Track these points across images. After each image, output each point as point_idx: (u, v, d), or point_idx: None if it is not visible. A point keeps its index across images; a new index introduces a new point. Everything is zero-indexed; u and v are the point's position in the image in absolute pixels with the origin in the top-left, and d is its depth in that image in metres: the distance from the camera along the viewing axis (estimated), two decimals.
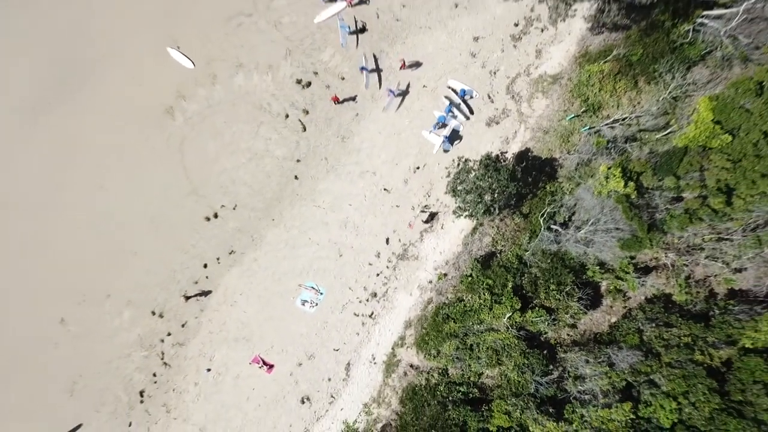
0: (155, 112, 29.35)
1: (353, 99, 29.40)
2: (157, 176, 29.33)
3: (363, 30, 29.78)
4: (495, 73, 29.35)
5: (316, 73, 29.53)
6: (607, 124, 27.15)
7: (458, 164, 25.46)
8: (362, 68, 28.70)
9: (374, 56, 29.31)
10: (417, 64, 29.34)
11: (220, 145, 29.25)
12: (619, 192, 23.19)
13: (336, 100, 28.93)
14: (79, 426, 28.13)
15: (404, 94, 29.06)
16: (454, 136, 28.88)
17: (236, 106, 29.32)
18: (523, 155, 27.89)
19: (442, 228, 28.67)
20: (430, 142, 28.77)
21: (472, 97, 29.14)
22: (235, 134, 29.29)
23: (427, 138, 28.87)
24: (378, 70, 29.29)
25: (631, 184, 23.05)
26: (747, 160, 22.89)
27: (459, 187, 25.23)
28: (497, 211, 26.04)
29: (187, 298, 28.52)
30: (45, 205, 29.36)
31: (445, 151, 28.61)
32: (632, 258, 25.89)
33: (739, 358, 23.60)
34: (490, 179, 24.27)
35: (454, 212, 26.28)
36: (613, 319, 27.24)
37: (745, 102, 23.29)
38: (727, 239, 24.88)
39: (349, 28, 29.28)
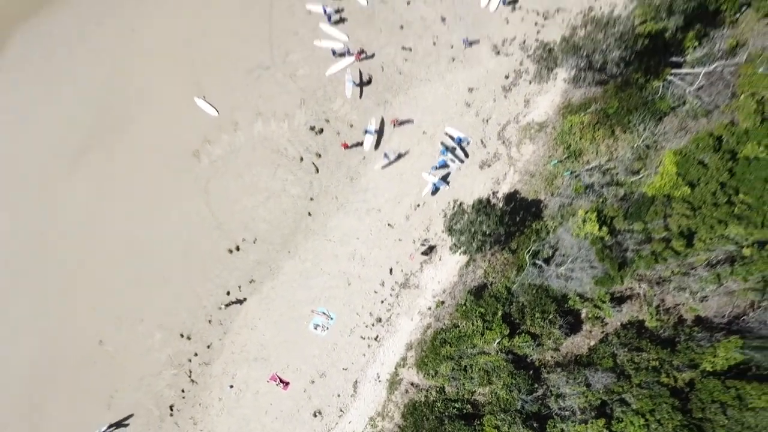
0: (184, 155, 32.88)
1: (360, 144, 32.80)
2: (186, 212, 32.79)
3: (369, 82, 33.18)
4: (487, 120, 32.69)
5: (327, 121, 32.95)
6: (587, 170, 30.50)
7: (453, 207, 28.77)
8: (366, 131, 32.14)
9: (382, 120, 32.70)
10: (408, 121, 32.71)
11: (241, 185, 32.67)
12: (594, 234, 26.46)
13: (345, 146, 32.29)
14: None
15: (399, 157, 32.35)
16: (446, 178, 32.28)
17: (256, 150, 32.77)
18: (511, 196, 31.18)
19: (440, 260, 31.95)
20: (428, 182, 32.16)
21: (468, 143, 32.52)
22: (255, 175, 32.72)
23: (426, 179, 32.21)
24: (380, 133, 32.62)
25: (605, 228, 26.30)
26: (706, 207, 26.13)
27: (455, 227, 28.51)
28: (488, 249, 29.36)
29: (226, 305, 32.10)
30: (86, 237, 32.91)
31: (433, 192, 32.04)
32: (608, 289, 29.17)
33: (700, 380, 26.81)
34: (481, 223, 27.59)
35: (450, 248, 29.58)
36: (592, 343, 30.42)
37: (704, 157, 26.54)
38: (691, 274, 28.15)
39: (354, 82, 32.68)
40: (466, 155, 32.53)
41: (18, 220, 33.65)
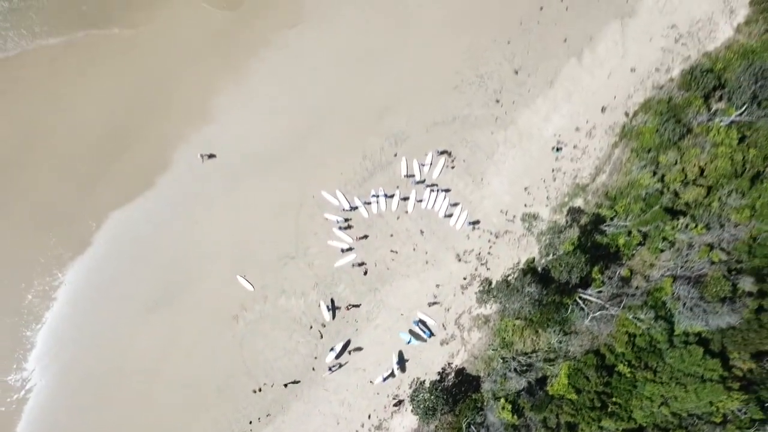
0: (226, 317, 44.54)
1: (356, 321, 44.57)
2: (224, 360, 44.16)
3: (366, 273, 44.99)
4: (448, 309, 44.25)
5: (333, 301, 44.69)
6: (514, 358, 41.92)
7: (415, 385, 40.25)
8: (331, 349, 43.40)
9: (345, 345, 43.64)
10: (356, 306, 44.20)
11: (266, 343, 44.22)
12: (508, 420, 37.77)
13: (350, 307, 44.19)
14: None
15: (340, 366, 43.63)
16: (403, 358, 43.76)
17: (279, 318, 44.40)
18: (460, 371, 42.66)
19: (407, 410, 43.36)
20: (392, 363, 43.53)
21: (433, 325, 44.06)
22: (276, 337, 44.27)
23: (403, 337, 43.69)
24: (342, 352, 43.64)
25: (515, 417, 37.62)
26: (585, 409, 37.46)
27: (415, 401, 39.95)
28: (440, 411, 40.69)
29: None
30: (150, 372, 44.49)
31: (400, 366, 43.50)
32: None
33: None
34: (434, 400, 38.98)
35: (412, 411, 40.97)
36: None
37: (588, 372, 37.95)
38: None
39: (328, 306, 43.77)
40: (432, 334, 44.14)
41: (94, 354, 45.34)
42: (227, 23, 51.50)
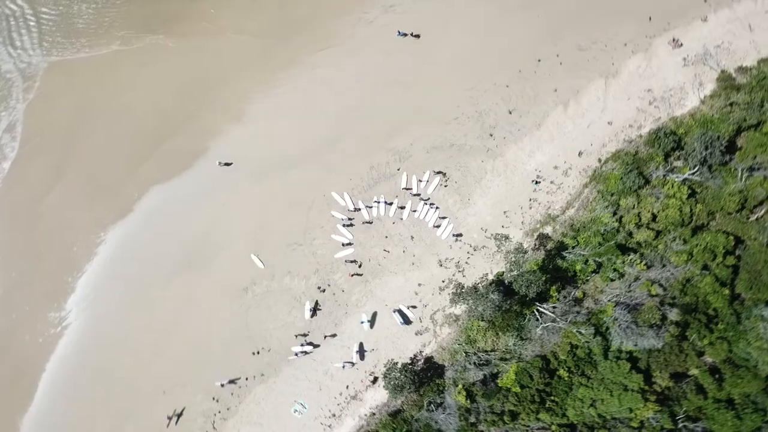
0: (237, 288, 51.69)
1: (346, 306, 51.63)
2: (231, 324, 51.13)
3: (360, 266, 52.00)
4: (426, 306, 51.18)
5: (329, 285, 51.63)
6: (475, 353, 48.67)
7: (390, 365, 47.04)
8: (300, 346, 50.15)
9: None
10: (359, 275, 51.18)
11: (268, 315, 51.25)
12: (462, 403, 44.49)
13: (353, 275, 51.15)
14: None
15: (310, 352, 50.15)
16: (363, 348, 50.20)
17: (282, 294, 51.51)
18: (428, 359, 49.47)
19: (379, 386, 50.17)
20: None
21: (411, 316, 51.02)
22: (279, 310, 51.31)
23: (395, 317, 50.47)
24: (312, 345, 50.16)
25: (468, 401, 44.33)
26: (526, 402, 44.15)
27: (388, 378, 46.75)
28: (407, 390, 47.41)
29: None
30: (167, 327, 51.67)
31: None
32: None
33: None
34: (404, 379, 45.76)
35: (383, 386, 47.78)
36: None
37: (533, 372, 44.69)
38: None
39: (310, 309, 50.37)
40: (409, 323, 51.04)
41: (123, 306, 52.66)
42: (267, 39, 59.36)
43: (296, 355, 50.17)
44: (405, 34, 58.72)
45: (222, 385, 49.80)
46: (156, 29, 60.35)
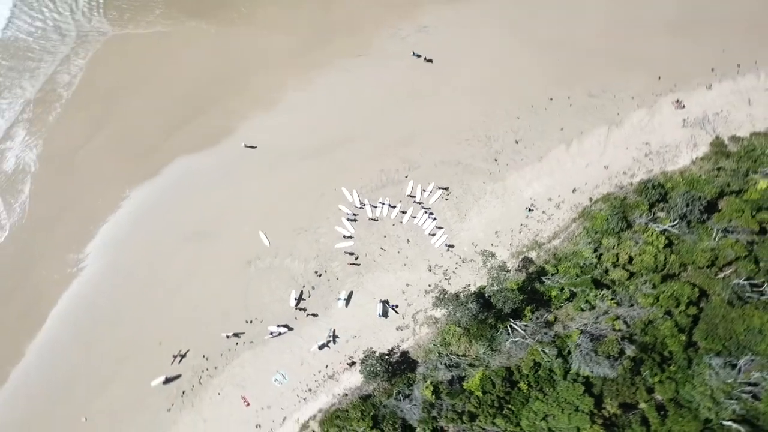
0: (242, 261, 55.73)
1: (339, 292, 55.64)
2: (232, 293, 55.04)
3: (357, 262, 56.04)
4: (410, 305, 55.10)
5: (325, 271, 55.65)
6: (447, 355, 52.57)
7: (368, 353, 50.94)
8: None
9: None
10: (357, 264, 55.10)
11: (267, 289, 55.10)
12: (428, 398, 48.39)
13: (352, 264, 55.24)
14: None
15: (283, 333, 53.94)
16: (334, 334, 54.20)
17: (282, 273, 55.49)
18: (404, 353, 53.35)
19: (356, 371, 54.08)
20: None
21: (396, 311, 54.99)
22: (276, 287, 55.25)
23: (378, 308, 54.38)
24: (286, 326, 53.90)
25: (434, 396, 48.20)
26: (486, 405, 48.00)
27: (365, 364, 50.67)
28: (380, 378, 51.32)
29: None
30: (171, 287, 55.66)
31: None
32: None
33: None
34: (379, 368, 49.61)
35: (360, 371, 51.71)
36: None
37: (496, 380, 48.55)
38: None
39: (296, 298, 54.42)
40: (386, 316, 54.90)
41: (137, 260, 56.85)
42: (307, 38, 63.59)
43: (271, 334, 53.96)
44: (419, 56, 63.11)
45: (228, 337, 53.92)
46: (202, 15, 65.00)
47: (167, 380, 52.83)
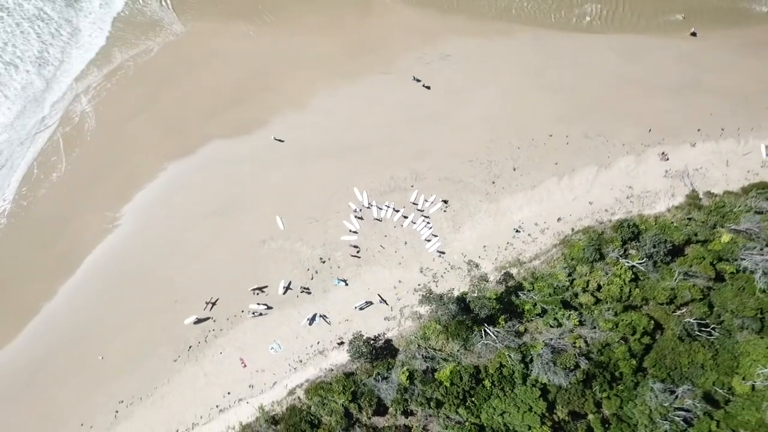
0: (256, 240, 61.59)
1: (341, 281, 61.76)
2: (242, 266, 60.70)
3: (358, 255, 62.12)
4: (400, 299, 61.09)
5: (329, 259, 61.65)
6: (425, 348, 58.47)
7: (356, 335, 56.96)
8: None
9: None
10: (357, 257, 61.17)
11: (275, 268, 60.95)
12: (403, 383, 54.27)
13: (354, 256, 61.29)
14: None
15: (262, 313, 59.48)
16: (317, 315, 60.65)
17: (290, 254, 61.54)
18: (388, 341, 59.28)
19: (343, 350, 59.95)
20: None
21: (386, 303, 60.93)
22: (284, 267, 61.23)
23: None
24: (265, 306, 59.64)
25: (408, 381, 54.03)
26: (452, 396, 53.92)
27: (352, 344, 56.67)
28: (365, 360, 57.29)
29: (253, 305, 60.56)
30: (187, 259, 61.88)
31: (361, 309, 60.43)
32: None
33: None
34: (364, 350, 55.64)
35: (347, 351, 57.70)
36: None
37: (464, 375, 54.41)
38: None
39: (284, 286, 60.37)
40: (367, 307, 60.90)
41: (162, 227, 63.14)
42: (342, 49, 69.97)
43: (252, 314, 59.39)
44: (418, 81, 69.18)
45: (254, 292, 59.94)
46: (251, 18, 72.12)
47: (198, 320, 59.24)
